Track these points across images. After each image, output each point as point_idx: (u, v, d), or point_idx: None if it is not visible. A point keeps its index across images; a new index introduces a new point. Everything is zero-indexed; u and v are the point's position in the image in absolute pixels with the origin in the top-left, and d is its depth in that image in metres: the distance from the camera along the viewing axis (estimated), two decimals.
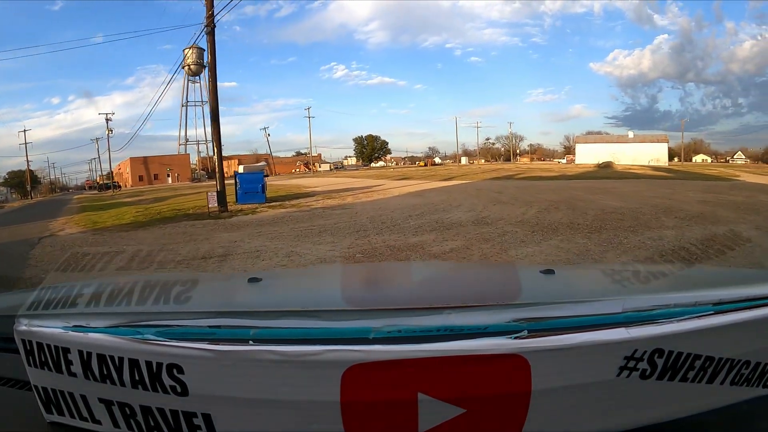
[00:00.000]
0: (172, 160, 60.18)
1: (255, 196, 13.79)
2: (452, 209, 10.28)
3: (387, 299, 0.71)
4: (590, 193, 13.42)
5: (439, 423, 0.59)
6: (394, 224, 8.41)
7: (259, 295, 0.91)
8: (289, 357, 0.59)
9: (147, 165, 59.57)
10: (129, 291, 0.77)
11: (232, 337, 0.62)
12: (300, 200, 14.32)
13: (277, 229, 8.61)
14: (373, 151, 71.32)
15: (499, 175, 28.37)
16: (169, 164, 59.25)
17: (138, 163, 59.86)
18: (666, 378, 0.62)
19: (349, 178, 31.75)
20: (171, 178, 56.60)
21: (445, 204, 11.40)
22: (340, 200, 13.80)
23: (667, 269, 0.88)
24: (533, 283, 0.84)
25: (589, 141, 56.51)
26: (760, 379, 0.69)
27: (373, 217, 9.45)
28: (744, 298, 0.70)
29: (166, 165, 59.06)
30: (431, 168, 51.36)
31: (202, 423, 0.62)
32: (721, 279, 0.93)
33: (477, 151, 69.98)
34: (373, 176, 32.88)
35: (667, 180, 20.09)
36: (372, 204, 12.45)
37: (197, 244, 7.49)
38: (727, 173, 26.66)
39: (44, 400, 0.69)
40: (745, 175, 23.54)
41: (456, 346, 0.59)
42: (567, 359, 0.59)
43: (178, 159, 61.28)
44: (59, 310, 0.69)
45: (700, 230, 6.88)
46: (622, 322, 0.63)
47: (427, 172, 38.87)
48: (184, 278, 0.76)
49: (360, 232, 7.76)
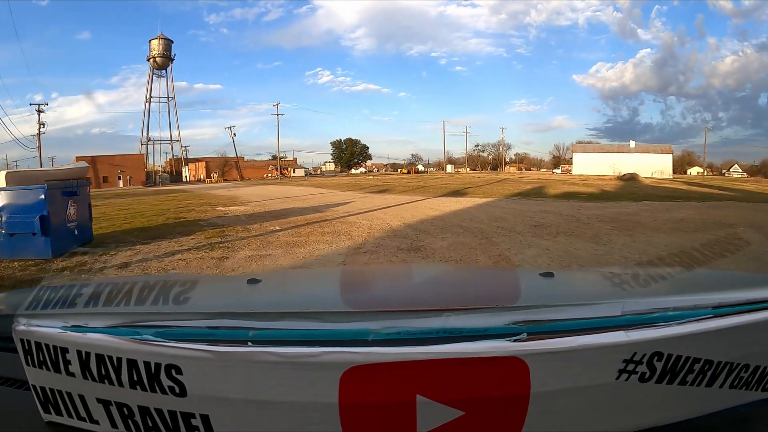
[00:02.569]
0: (125, 160, 53.68)
1: (33, 242, 5.81)
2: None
3: (386, 301, 0.71)
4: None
5: (438, 425, 0.59)
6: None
7: (258, 296, 0.91)
8: (287, 358, 0.59)
9: (95, 165, 50.49)
10: (128, 291, 0.77)
11: (231, 338, 0.62)
12: (160, 243, 6.87)
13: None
14: (353, 156, 68.25)
15: (518, 189, 20.43)
16: (120, 165, 52.80)
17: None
18: (665, 381, 0.62)
19: (313, 187, 25.87)
20: (122, 181, 51.43)
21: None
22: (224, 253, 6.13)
23: (666, 272, 0.88)
24: (532, 285, 0.84)
25: (588, 150, 54.55)
26: (759, 382, 0.69)
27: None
28: (743, 302, 0.70)
29: (118, 166, 52.59)
30: (416, 176, 45.23)
31: (200, 424, 0.62)
32: (721, 282, 0.93)
33: (465, 159, 68.68)
34: (345, 186, 26.08)
35: (753, 203, 13.33)
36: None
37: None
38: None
39: (42, 400, 0.68)
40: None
41: (455, 349, 0.59)
42: (566, 362, 0.59)
43: (132, 159, 54.55)
44: (58, 310, 0.69)
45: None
46: (621, 325, 0.63)
47: (412, 181, 31.78)
48: (183, 279, 0.76)
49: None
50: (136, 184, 49.52)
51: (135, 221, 10.12)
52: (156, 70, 59.11)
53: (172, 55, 59.09)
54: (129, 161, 53.76)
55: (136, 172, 53.23)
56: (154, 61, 57.89)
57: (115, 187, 47.47)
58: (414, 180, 34.52)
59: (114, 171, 51.54)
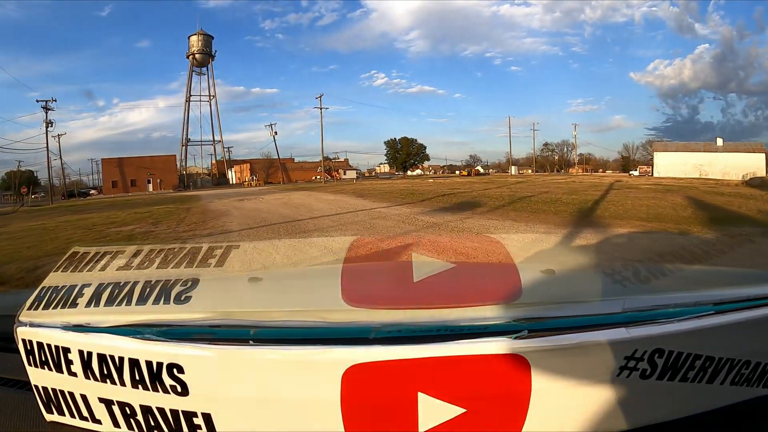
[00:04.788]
0: (155, 162, 48.78)
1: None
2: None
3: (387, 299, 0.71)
4: None
5: (440, 423, 0.59)
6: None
7: (260, 294, 0.91)
8: (289, 357, 0.59)
9: (122, 168, 47.37)
10: (129, 290, 0.77)
11: (233, 336, 0.62)
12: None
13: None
14: (408, 157, 61.71)
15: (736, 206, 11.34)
16: (149, 168, 47.98)
17: (112, 166, 47.70)
18: (666, 378, 0.63)
19: (351, 196, 18.66)
20: (152, 184, 46.91)
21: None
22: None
23: (667, 269, 0.88)
24: (533, 282, 0.84)
25: (670, 149, 46.42)
26: (760, 379, 0.69)
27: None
28: (744, 298, 0.70)
29: (147, 169, 47.81)
30: (481, 179, 36.04)
31: (202, 423, 0.62)
32: (722, 279, 0.93)
33: (530, 159, 62.90)
34: (398, 195, 17.42)
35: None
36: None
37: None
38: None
39: (44, 400, 0.69)
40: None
41: (456, 347, 0.59)
42: (567, 359, 0.59)
43: (162, 161, 49.45)
44: (59, 310, 0.69)
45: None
46: (622, 322, 0.63)
47: (490, 188, 21.37)
48: (185, 277, 0.76)
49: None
50: (167, 188, 45.52)
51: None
52: (196, 68, 54.40)
53: (213, 52, 54.61)
54: (159, 163, 49.01)
55: (168, 175, 48.53)
56: (194, 58, 53.24)
57: (143, 191, 43.88)
58: (491, 184, 24.65)
59: (143, 174, 47.45)
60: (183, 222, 12.39)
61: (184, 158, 54.70)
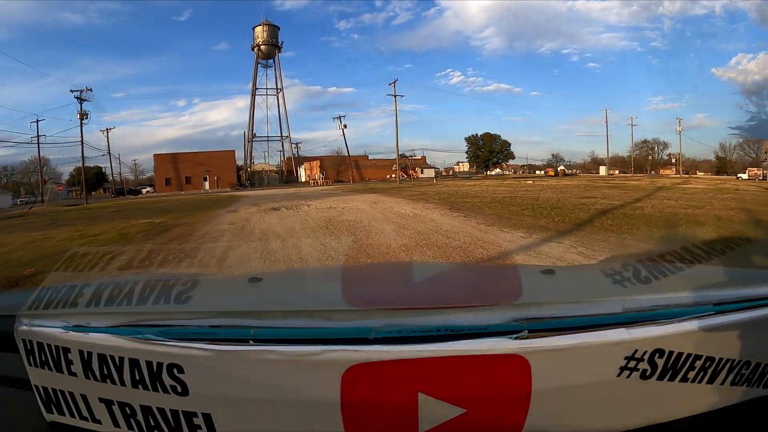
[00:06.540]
0: (210, 158, 44.24)
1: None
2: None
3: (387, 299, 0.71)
4: None
5: (440, 423, 0.59)
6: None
7: (260, 295, 0.91)
8: (289, 357, 0.59)
9: (176, 164, 43.33)
10: (129, 291, 0.77)
11: (233, 336, 0.62)
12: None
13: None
14: (491, 155, 54.52)
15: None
16: (205, 164, 43.54)
17: (165, 162, 43.92)
18: (666, 378, 0.62)
19: (443, 208, 10.47)
20: (208, 182, 42.68)
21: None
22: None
23: (667, 269, 0.88)
24: (534, 283, 0.84)
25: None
26: (760, 379, 0.69)
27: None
28: (744, 299, 0.70)
29: (202, 165, 43.44)
30: (589, 180, 27.60)
31: (202, 423, 0.62)
32: (722, 279, 0.93)
33: (631, 157, 53.02)
34: (508, 205, 10.25)
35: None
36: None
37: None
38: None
39: (44, 400, 0.69)
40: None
41: (456, 347, 0.59)
42: (567, 359, 0.59)
43: (219, 157, 44.87)
44: (60, 310, 0.69)
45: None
46: (622, 323, 0.62)
47: (627, 191, 14.69)
48: (185, 278, 0.76)
49: None
50: (225, 186, 41.87)
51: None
52: (261, 60, 49.46)
53: (280, 43, 50.07)
54: (215, 159, 44.64)
55: (225, 172, 44.50)
56: (259, 50, 48.68)
57: (198, 189, 40.59)
58: (615, 189, 16.37)
59: (199, 171, 43.71)
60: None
61: (249, 154, 50.41)
